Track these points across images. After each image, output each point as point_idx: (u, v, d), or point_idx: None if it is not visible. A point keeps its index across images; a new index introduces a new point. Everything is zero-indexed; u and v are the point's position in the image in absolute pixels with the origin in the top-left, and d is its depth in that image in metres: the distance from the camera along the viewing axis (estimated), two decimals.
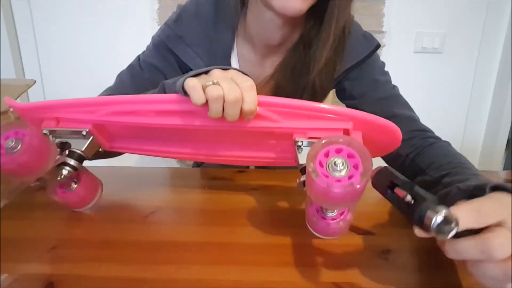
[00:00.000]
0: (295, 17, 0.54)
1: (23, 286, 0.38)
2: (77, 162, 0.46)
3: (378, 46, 0.65)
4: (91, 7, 1.57)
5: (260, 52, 0.66)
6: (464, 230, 0.32)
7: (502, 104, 1.58)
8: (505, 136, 1.62)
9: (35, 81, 1.26)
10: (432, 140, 0.59)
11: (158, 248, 0.43)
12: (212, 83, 0.39)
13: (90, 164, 0.56)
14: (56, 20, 1.60)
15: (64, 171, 0.45)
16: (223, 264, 0.41)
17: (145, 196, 0.56)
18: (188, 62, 0.64)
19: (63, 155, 0.46)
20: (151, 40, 0.68)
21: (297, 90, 0.64)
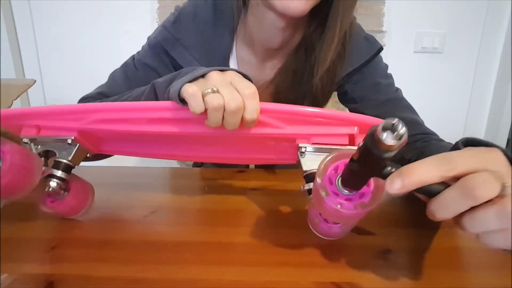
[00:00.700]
0: (298, 18, 0.53)
1: (23, 286, 0.38)
2: (65, 173, 0.44)
3: (380, 49, 0.65)
4: (91, 7, 1.57)
5: (260, 55, 0.66)
6: (438, 184, 0.29)
7: (502, 104, 1.58)
8: (505, 136, 1.62)
9: (35, 81, 1.26)
10: (434, 142, 0.58)
11: (158, 248, 0.43)
12: (212, 90, 0.37)
13: (90, 164, 0.56)
14: (56, 20, 1.61)
15: (52, 184, 0.43)
16: (223, 264, 0.41)
17: (145, 196, 0.56)
18: (184, 65, 0.63)
19: (48, 166, 0.43)
20: (147, 40, 0.67)
21: (298, 94, 0.63)
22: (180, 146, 0.51)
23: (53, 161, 0.44)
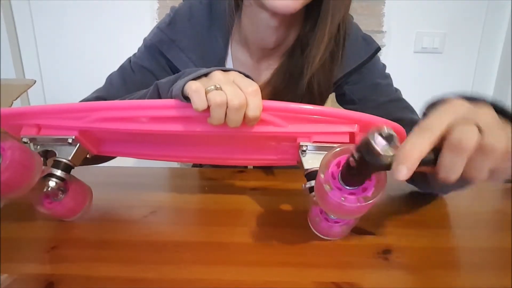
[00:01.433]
0: (289, 16, 0.53)
1: (23, 286, 0.38)
2: (64, 173, 0.43)
3: (378, 49, 0.65)
4: (91, 7, 1.57)
5: (255, 56, 0.65)
6: (430, 156, 0.30)
7: None
8: None
9: (35, 81, 1.26)
10: None
11: (158, 248, 0.43)
12: (215, 87, 0.37)
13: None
14: (56, 20, 1.61)
15: (51, 183, 0.42)
16: (223, 264, 0.41)
17: (145, 196, 0.56)
18: (180, 66, 0.63)
19: (48, 165, 0.43)
20: (143, 42, 0.67)
21: (295, 95, 0.63)
22: (181, 147, 0.51)
23: (52, 161, 0.44)
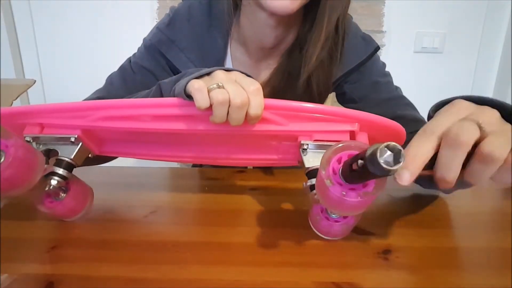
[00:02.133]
0: (287, 16, 0.53)
1: (23, 286, 0.38)
2: (66, 171, 0.43)
3: (377, 49, 0.65)
4: (91, 7, 1.57)
5: (254, 56, 0.66)
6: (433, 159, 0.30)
7: None
8: None
9: (35, 81, 1.26)
10: None
11: (158, 248, 0.43)
12: (217, 86, 0.38)
13: None
14: (56, 20, 1.61)
15: (52, 182, 0.42)
16: (223, 264, 0.41)
17: (145, 196, 0.56)
18: (180, 67, 0.63)
19: (50, 164, 0.43)
20: (142, 42, 0.67)
21: (294, 95, 0.63)
22: (182, 147, 0.51)
23: (54, 160, 0.44)
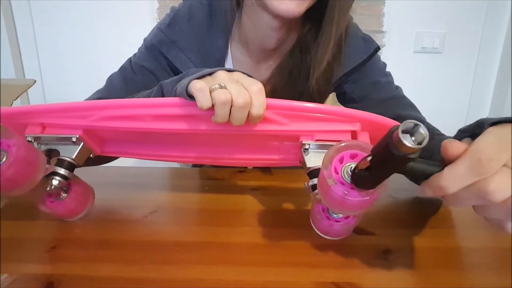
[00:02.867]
0: (292, 19, 0.53)
1: (23, 286, 0.38)
2: (68, 171, 0.43)
3: (377, 49, 0.65)
4: (91, 7, 1.57)
5: (255, 56, 0.65)
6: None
7: (502, 104, 1.58)
8: None
9: (35, 81, 1.26)
10: (437, 137, 0.58)
11: (158, 248, 0.43)
12: (219, 86, 0.38)
13: None
14: (56, 20, 1.61)
15: (54, 182, 0.42)
16: (223, 264, 0.41)
17: (145, 196, 0.56)
18: (181, 67, 0.63)
19: (51, 164, 0.43)
20: (143, 42, 0.67)
21: (294, 95, 0.63)
22: (184, 148, 0.51)
23: (56, 160, 0.44)
